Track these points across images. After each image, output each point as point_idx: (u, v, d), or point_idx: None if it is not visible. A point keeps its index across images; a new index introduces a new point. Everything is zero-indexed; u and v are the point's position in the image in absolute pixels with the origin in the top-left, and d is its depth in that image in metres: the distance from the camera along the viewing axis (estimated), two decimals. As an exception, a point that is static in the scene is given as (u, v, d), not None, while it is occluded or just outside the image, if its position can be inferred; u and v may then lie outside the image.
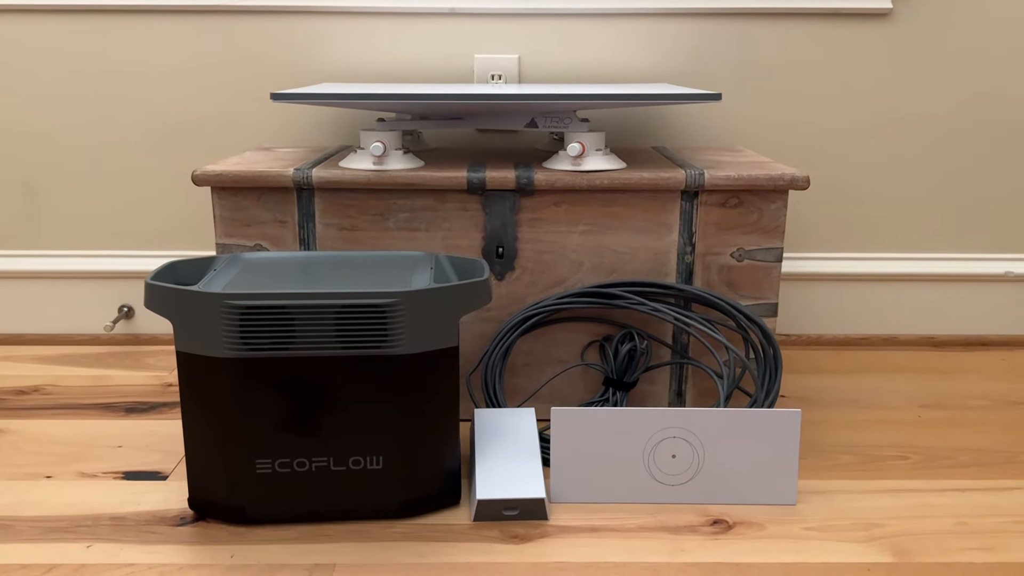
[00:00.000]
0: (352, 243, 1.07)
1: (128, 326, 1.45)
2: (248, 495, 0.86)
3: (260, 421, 0.84)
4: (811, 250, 1.44)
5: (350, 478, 0.87)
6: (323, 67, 1.36)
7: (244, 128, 1.39)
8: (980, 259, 1.45)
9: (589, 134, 1.06)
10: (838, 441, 1.08)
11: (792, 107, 1.38)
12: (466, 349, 1.10)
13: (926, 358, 1.37)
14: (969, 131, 1.39)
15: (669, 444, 0.91)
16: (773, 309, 1.09)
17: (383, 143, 1.04)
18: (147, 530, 0.88)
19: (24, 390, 1.22)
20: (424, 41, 1.35)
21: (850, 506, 0.92)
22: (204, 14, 1.34)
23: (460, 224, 1.06)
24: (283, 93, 1.00)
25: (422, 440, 0.87)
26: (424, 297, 0.83)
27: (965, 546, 0.85)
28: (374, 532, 0.87)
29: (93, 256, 1.44)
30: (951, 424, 1.13)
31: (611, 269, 1.08)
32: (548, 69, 1.37)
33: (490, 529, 0.88)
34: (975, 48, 1.36)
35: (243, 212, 1.06)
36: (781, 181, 1.04)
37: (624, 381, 1.06)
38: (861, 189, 1.42)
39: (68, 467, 1.01)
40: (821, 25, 1.35)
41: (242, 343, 0.82)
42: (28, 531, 0.87)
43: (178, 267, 0.92)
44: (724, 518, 0.90)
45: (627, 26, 1.35)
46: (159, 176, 1.41)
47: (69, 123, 1.39)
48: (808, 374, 1.31)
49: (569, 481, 0.92)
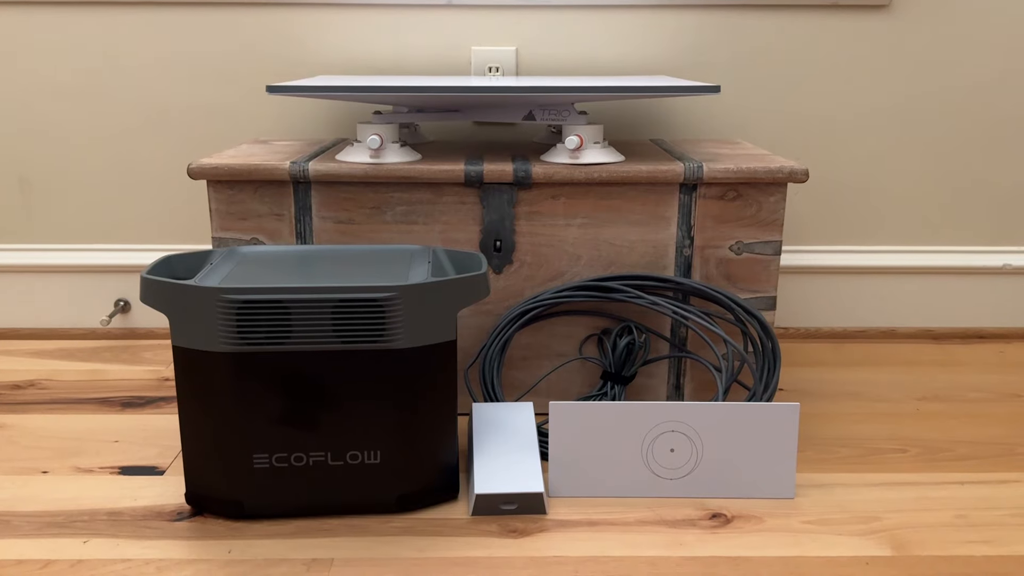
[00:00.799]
0: (349, 237, 1.07)
1: (124, 320, 1.45)
2: (245, 490, 0.86)
3: (257, 416, 0.84)
4: (809, 243, 1.44)
5: (348, 473, 0.86)
6: (319, 59, 1.36)
7: (240, 120, 1.38)
8: (978, 251, 1.44)
9: (587, 127, 1.06)
10: (837, 434, 1.08)
11: (790, 99, 1.38)
12: (464, 343, 1.10)
13: (924, 351, 1.37)
14: (967, 123, 1.39)
15: (668, 438, 0.91)
16: (772, 302, 1.09)
17: (380, 136, 1.04)
18: (144, 525, 0.87)
19: (20, 384, 1.22)
20: (421, 33, 1.35)
21: (849, 499, 0.92)
22: (200, 6, 1.33)
23: (457, 217, 1.06)
24: (279, 86, 1.00)
25: (420, 434, 0.87)
26: (422, 291, 0.83)
27: (964, 539, 0.85)
28: (372, 527, 0.87)
29: (89, 250, 1.43)
30: (949, 417, 1.13)
31: (609, 262, 1.08)
32: (545, 61, 1.36)
33: (488, 523, 0.87)
34: (973, 40, 1.36)
35: (239, 205, 1.06)
36: (780, 174, 1.04)
37: (622, 375, 1.05)
38: (859, 181, 1.41)
39: (65, 462, 1.00)
40: (819, 17, 1.35)
41: (239, 337, 0.81)
42: (24, 526, 0.87)
43: (174, 261, 0.92)
44: (723, 512, 0.90)
45: (625, 18, 1.34)
46: (155, 169, 1.40)
47: (64, 116, 1.38)
48: (806, 367, 1.31)
49: (567, 475, 0.92)
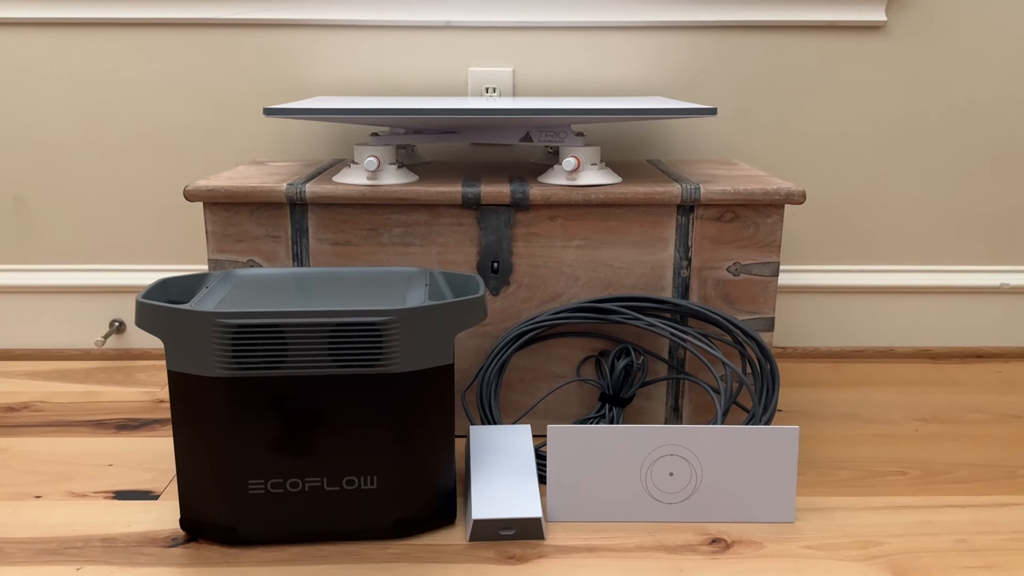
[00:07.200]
0: (346, 259, 1.06)
1: (119, 341, 1.44)
2: (241, 516, 0.85)
3: (253, 441, 0.83)
4: (806, 262, 1.44)
5: (344, 498, 0.85)
6: (317, 80, 1.36)
7: (237, 141, 1.38)
8: (975, 271, 1.44)
9: (584, 148, 1.06)
10: (836, 456, 1.08)
11: (787, 119, 1.38)
12: (461, 365, 1.09)
13: (922, 370, 1.37)
14: (964, 143, 1.39)
15: (667, 462, 0.90)
16: (770, 323, 1.09)
17: (377, 158, 1.04)
18: (138, 551, 0.86)
19: (14, 407, 1.21)
20: (418, 54, 1.35)
21: (849, 523, 0.92)
22: (198, 27, 1.33)
23: (455, 239, 1.06)
24: (276, 108, 0.99)
25: (417, 459, 0.86)
26: (419, 315, 0.82)
27: (965, 564, 0.84)
28: (368, 553, 0.86)
29: (84, 270, 1.42)
30: (949, 438, 1.13)
31: (607, 284, 1.07)
32: (542, 81, 1.36)
33: (486, 549, 0.87)
34: (970, 60, 1.36)
35: (236, 228, 1.05)
36: (777, 195, 1.04)
37: (620, 397, 1.05)
38: (856, 201, 1.42)
39: (58, 486, 0.99)
40: (816, 38, 1.35)
41: (234, 362, 0.81)
42: (17, 553, 0.86)
43: (169, 284, 0.91)
44: (723, 536, 0.89)
45: (621, 39, 1.35)
46: (151, 190, 1.40)
47: (61, 137, 1.38)
48: (804, 387, 1.30)
49: (566, 500, 0.91)
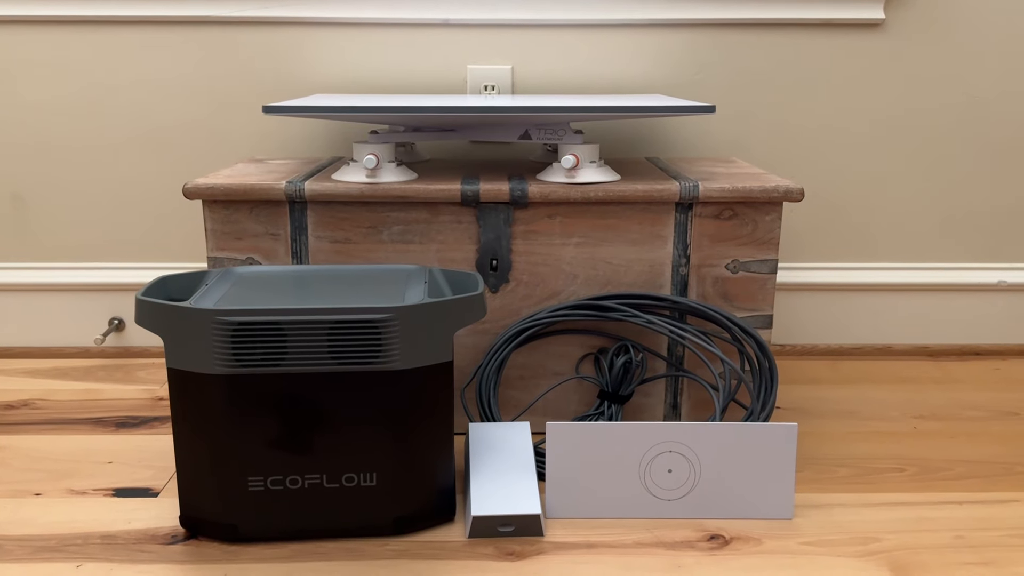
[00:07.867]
0: (345, 256, 1.06)
1: (119, 338, 1.44)
2: (240, 513, 0.85)
3: (252, 438, 0.83)
4: (805, 260, 1.44)
5: (343, 495, 0.86)
6: (316, 78, 1.36)
7: (236, 139, 1.38)
8: (973, 268, 1.45)
9: (583, 146, 1.06)
10: (834, 453, 1.08)
11: (785, 117, 1.38)
12: (460, 362, 1.09)
13: (920, 367, 1.37)
14: (962, 141, 1.40)
15: (665, 459, 0.90)
16: (768, 321, 1.09)
17: (376, 155, 1.04)
18: (138, 548, 0.86)
19: (13, 404, 1.21)
20: (417, 52, 1.35)
21: (847, 520, 0.92)
22: (196, 25, 1.33)
23: (454, 237, 1.06)
24: (275, 106, 1.00)
25: (416, 457, 0.86)
26: (418, 312, 0.82)
27: (963, 560, 0.85)
28: (368, 550, 0.86)
29: (83, 268, 1.42)
30: (947, 435, 1.13)
31: (605, 281, 1.08)
32: (541, 79, 1.36)
33: (485, 546, 0.87)
34: (967, 58, 1.36)
35: (235, 225, 1.05)
36: (775, 193, 1.04)
37: (619, 394, 1.05)
38: (855, 199, 1.42)
39: (58, 484, 0.99)
40: (814, 36, 1.35)
41: (234, 359, 0.81)
42: (17, 550, 0.86)
43: (169, 282, 0.91)
44: (721, 533, 0.89)
45: (620, 36, 1.35)
46: (150, 188, 1.40)
47: (59, 134, 1.38)
48: (803, 384, 1.30)
49: (565, 496, 0.91)
